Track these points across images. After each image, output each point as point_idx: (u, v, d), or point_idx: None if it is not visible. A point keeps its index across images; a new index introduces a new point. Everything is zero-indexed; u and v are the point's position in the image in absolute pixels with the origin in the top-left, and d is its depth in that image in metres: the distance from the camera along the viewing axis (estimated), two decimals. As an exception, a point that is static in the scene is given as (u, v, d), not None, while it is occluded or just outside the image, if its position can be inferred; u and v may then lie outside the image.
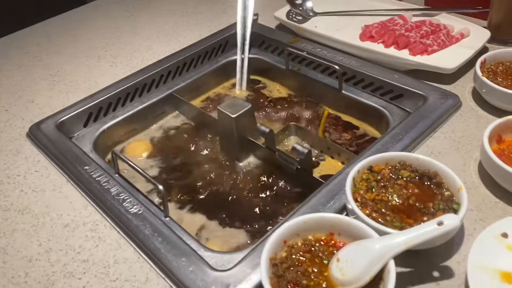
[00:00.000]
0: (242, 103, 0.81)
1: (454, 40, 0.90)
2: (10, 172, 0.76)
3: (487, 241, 0.54)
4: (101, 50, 1.09)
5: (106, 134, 0.87)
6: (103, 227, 0.65)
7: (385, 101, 0.85)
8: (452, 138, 0.73)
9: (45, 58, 1.08)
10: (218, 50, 1.06)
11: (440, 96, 0.80)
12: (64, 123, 0.85)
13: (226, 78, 1.05)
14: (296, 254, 0.54)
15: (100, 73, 1.00)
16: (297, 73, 0.97)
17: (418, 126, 0.75)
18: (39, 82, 0.99)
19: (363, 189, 0.60)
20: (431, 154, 0.71)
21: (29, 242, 0.64)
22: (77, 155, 0.76)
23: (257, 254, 0.57)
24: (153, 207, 0.67)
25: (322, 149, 0.84)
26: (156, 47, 1.07)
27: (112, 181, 0.70)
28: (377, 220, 0.56)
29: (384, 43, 0.92)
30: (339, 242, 0.55)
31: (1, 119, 0.89)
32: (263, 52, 1.05)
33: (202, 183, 0.80)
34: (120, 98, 0.91)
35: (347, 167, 0.68)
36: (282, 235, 0.54)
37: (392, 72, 0.87)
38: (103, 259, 0.60)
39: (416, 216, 0.57)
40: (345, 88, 0.89)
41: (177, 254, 0.58)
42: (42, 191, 0.72)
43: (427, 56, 0.87)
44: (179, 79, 0.99)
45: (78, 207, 0.68)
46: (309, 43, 1.00)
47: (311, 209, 0.62)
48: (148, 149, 0.88)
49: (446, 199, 0.58)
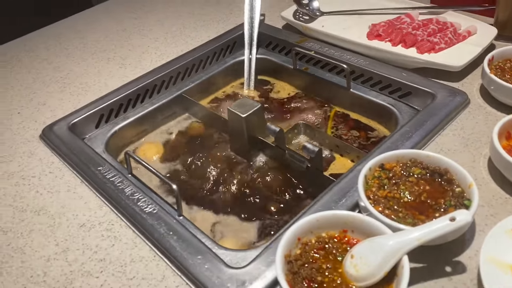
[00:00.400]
0: (252, 103, 0.82)
1: (461, 37, 0.91)
2: (25, 173, 0.78)
3: (498, 236, 0.55)
4: (110, 52, 1.10)
5: (117, 135, 0.88)
6: (118, 227, 0.66)
7: (394, 99, 0.86)
8: (461, 135, 0.74)
9: (55, 61, 1.09)
10: (226, 51, 1.07)
11: (449, 94, 0.81)
12: (76, 124, 0.86)
13: (234, 78, 1.06)
14: (310, 251, 0.55)
15: (109, 75, 1.01)
16: (305, 72, 0.98)
17: (427, 123, 0.75)
18: (50, 85, 1.00)
19: (375, 186, 0.61)
20: (441, 151, 0.72)
21: (46, 242, 0.65)
22: (90, 156, 0.77)
23: (271, 252, 0.58)
24: (167, 206, 0.68)
25: (331, 147, 0.84)
26: (164, 49, 1.08)
27: (126, 181, 0.71)
28: (390, 217, 0.57)
29: (391, 42, 0.92)
30: (352, 239, 0.56)
31: (14, 122, 0.90)
32: (271, 52, 1.06)
33: (213, 182, 0.81)
34: (130, 100, 0.92)
35: (358, 165, 0.69)
36: (296, 232, 0.55)
37: (400, 70, 0.88)
38: (119, 258, 0.61)
39: (428, 213, 0.58)
40: (353, 87, 0.90)
41: (192, 252, 0.59)
42: (57, 192, 0.73)
43: (435, 54, 0.88)
44: (188, 80, 1.00)
45: (93, 207, 0.70)
46: (316, 43, 1.00)
47: (323, 207, 0.63)
48: (159, 151, 0.89)
49: (457, 196, 0.59)
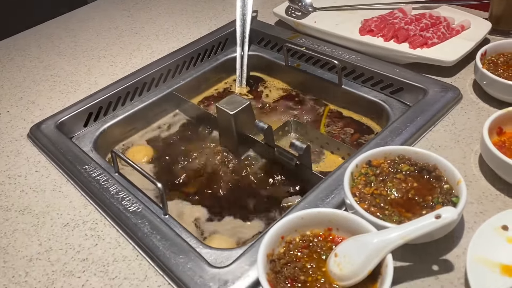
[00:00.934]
0: (240, 100, 0.81)
1: (455, 32, 0.89)
2: (11, 172, 0.77)
3: (487, 234, 0.54)
4: (101, 50, 1.09)
5: (106, 134, 0.87)
6: (102, 226, 0.65)
7: (385, 95, 0.84)
8: (452, 131, 0.73)
9: (46, 59, 1.08)
10: (217, 48, 1.05)
11: (441, 89, 0.79)
12: (64, 123, 0.85)
13: (226, 75, 1.05)
14: (294, 250, 0.54)
15: (100, 73, 1.00)
16: (297, 69, 0.96)
17: (418, 119, 0.74)
18: (40, 83, 1.00)
19: (361, 183, 0.60)
20: (431, 148, 0.70)
21: (29, 242, 0.64)
22: (76, 155, 0.76)
23: (255, 251, 0.57)
24: (153, 205, 0.67)
25: (321, 144, 0.83)
26: (155, 46, 1.07)
27: (112, 180, 0.70)
28: (376, 214, 0.56)
29: (383, 37, 0.91)
30: (337, 237, 0.55)
31: (2, 121, 0.90)
32: (263, 49, 1.04)
33: (202, 179, 0.80)
34: (120, 98, 0.92)
35: (346, 162, 0.68)
36: (280, 231, 0.54)
37: (392, 66, 0.86)
38: (102, 258, 0.60)
39: (415, 210, 0.57)
40: (345, 83, 0.89)
41: (175, 251, 0.58)
42: (42, 191, 0.72)
43: (427, 49, 0.87)
44: (179, 78, 0.99)
45: (77, 206, 0.69)
46: (308, 39, 0.99)
47: (310, 204, 0.62)
48: (148, 154, 0.87)
49: (445, 192, 0.57)
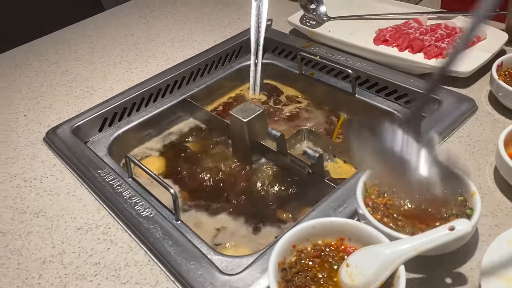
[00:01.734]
0: (254, 108, 0.81)
1: (471, 43, 0.88)
2: (27, 175, 0.78)
3: (501, 247, 0.53)
4: (117, 56, 1.10)
5: (121, 139, 0.88)
6: (115, 230, 0.66)
7: (399, 105, 0.84)
8: (467, 143, 0.72)
9: (63, 65, 1.10)
10: (232, 56, 1.06)
11: (455, 100, 0.79)
12: (80, 128, 0.86)
13: (240, 83, 1.06)
14: (305, 259, 0.54)
15: (115, 79, 1.01)
16: (310, 77, 0.97)
17: (433, 130, 0.73)
18: (57, 88, 1.01)
19: (374, 194, 0.60)
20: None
21: (43, 244, 0.65)
22: (91, 159, 0.77)
23: (266, 259, 0.57)
24: (165, 210, 0.68)
25: (334, 153, 0.83)
26: (171, 53, 1.08)
27: (125, 185, 0.71)
28: (388, 225, 0.55)
29: (398, 47, 0.91)
30: (349, 247, 0.55)
31: (19, 124, 0.91)
32: (277, 57, 1.05)
33: (214, 186, 0.81)
34: (135, 103, 0.93)
35: (359, 172, 0.68)
36: (291, 239, 0.54)
37: (406, 76, 0.86)
38: (114, 262, 0.61)
39: (428, 221, 0.56)
40: (358, 92, 0.89)
41: (187, 257, 0.58)
42: (57, 195, 0.73)
43: (442, 59, 0.86)
44: (193, 85, 1.00)
45: (91, 210, 0.70)
46: (322, 48, 0.99)
47: (322, 213, 0.62)
48: (161, 167, 0.87)
49: (459, 204, 0.57)
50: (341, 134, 0.88)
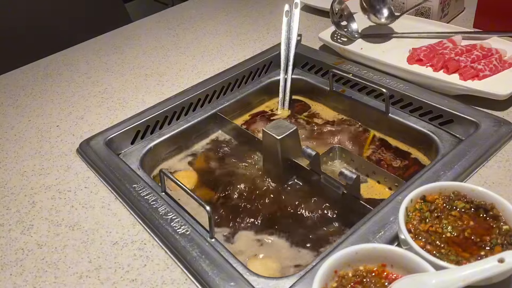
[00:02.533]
0: (287, 125, 0.81)
1: (507, 65, 0.87)
2: (61, 187, 0.79)
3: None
4: (148, 68, 1.11)
5: (152, 152, 0.88)
6: (151, 247, 0.66)
7: (434, 126, 0.83)
8: (507, 168, 0.71)
9: (94, 75, 1.11)
10: (261, 71, 1.06)
11: (493, 123, 0.78)
12: (113, 140, 0.87)
13: (269, 97, 1.06)
14: (347, 285, 0.53)
15: (147, 91, 1.02)
16: (342, 94, 0.96)
17: (470, 154, 0.72)
18: (88, 99, 1.02)
19: (416, 219, 0.59)
20: (485, 184, 0.68)
21: (79, 259, 0.65)
22: (125, 172, 0.78)
23: (305, 283, 0.56)
24: (199, 227, 0.67)
25: (367, 173, 0.82)
26: (201, 67, 1.09)
27: (160, 200, 0.71)
28: (432, 252, 0.54)
29: (433, 67, 0.90)
30: (391, 274, 0.54)
31: (52, 135, 0.92)
32: (306, 73, 1.05)
33: (245, 204, 0.80)
34: (167, 117, 0.93)
35: (397, 194, 0.67)
36: (333, 265, 0.53)
37: (441, 97, 0.85)
38: (151, 279, 0.61)
39: (472, 250, 0.55)
40: (392, 112, 0.88)
41: (224, 278, 0.58)
42: (91, 208, 0.74)
43: (479, 81, 0.85)
44: (223, 99, 1.00)
45: (126, 225, 0.70)
46: (354, 65, 0.99)
47: (361, 238, 0.61)
48: (194, 181, 0.87)
49: (505, 234, 0.56)
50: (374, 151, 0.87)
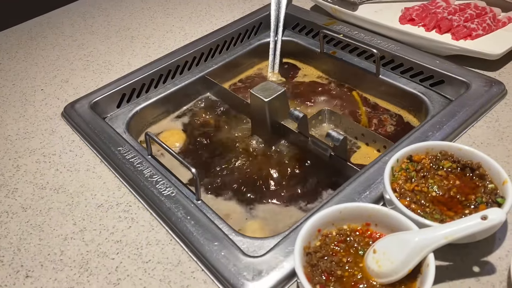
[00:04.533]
0: (275, 87, 0.79)
1: (501, 24, 0.85)
2: (45, 151, 0.78)
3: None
4: (134, 30, 1.08)
5: (139, 115, 0.87)
6: (136, 208, 0.65)
7: (425, 87, 0.82)
8: (496, 128, 0.70)
9: (79, 38, 1.08)
10: (251, 32, 1.04)
11: (484, 83, 0.76)
12: (98, 103, 0.85)
13: (259, 60, 1.03)
14: (330, 244, 0.53)
15: (133, 54, 1.00)
16: (332, 56, 0.94)
17: (460, 114, 0.71)
18: (74, 62, 1.00)
19: (402, 179, 0.58)
20: (473, 144, 0.68)
21: (64, 221, 0.65)
22: (110, 136, 0.76)
23: (289, 242, 0.56)
24: (185, 189, 0.67)
25: (356, 135, 0.82)
26: (188, 29, 1.06)
27: (146, 163, 0.70)
28: (416, 211, 0.54)
29: (425, 27, 0.88)
30: (375, 233, 0.54)
31: (36, 99, 0.90)
32: (297, 35, 1.02)
33: (232, 167, 0.79)
34: (153, 80, 0.91)
35: (384, 155, 0.66)
36: (317, 223, 0.53)
37: (433, 57, 0.83)
38: (136, 240, 0.61)
39: (457, 209, 0.55)
40: (382, 73, 0.86)
41: (209, 238, 0.58)
42: (76, 171, 0.73)
43: (471, 41, 0.83)
44: (212, 61, 0.98)
45: (111, 187, 0.69)
46: (345, 26, 0.96)
47: (346, 198, 0.61)
48: (181, 139, 0.86)
49: (490, 192, 0.55)
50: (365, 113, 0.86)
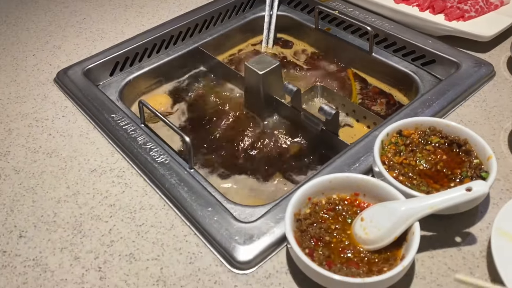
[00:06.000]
0: (270, 60, 0.80)
1: (493, 7, 0.87)
2: (38, 115, 0.77)
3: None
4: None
5: (131, 84, 0.87)
6: (129, 174, 0.66)
7: (416, 67, 0.83)
8: (483, 108, 0.72)
9: (71, 5, 1.07)
10: (246, 6, 1.03)
11: (474, 64, 0.78)
12: (91, 70, 0.85)
13: (253, 34, 1.03)
14: (320, 212, 0.55)
15: (126, 23, 0.99)
16: (326, 33, 0.95)
17: (449, 93, 0.73)
18: (66, 29, 0.99)
19: (391, 152, 0.60)
20: (461, 122, 0.70)
21: (57, 184, 0.65)
22: (104, 103, 0.76)
23: (280, 209, 0.58)
24: (179, 158, 0.68)
25: (347, 111, 0.83)
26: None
27: (139, 130, 0.71)
28: (404, 183, 0.56)
29: (419, 6, 0.89)
30: (363, 203, 0.56)
31: (28, 64, 0.90)
32: (292, 10, 1.02)
33: (225, 139, 0.80)
34: (146, 49, 0.91)
35: (374, 130, 0.68)
36: (307, 192, 0.55)
37: (425, 37, 0.85)
38: (129, 205, 0.62)
39: (443, 182, 0.57)
40: (375, 51, 0.87)
41: (202, 203, 0.59)
42: (69, 136, 0.73)
43: (463, 22, 0.84)
44: (206, 33, 0.98)
45: (105, 153, 0.70)
46: (340, 2, 0.97)
47: (336, 169, 0.62)
48: (167, 102, 0.87)
49: (475, 167, 0.57)
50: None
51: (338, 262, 0.50)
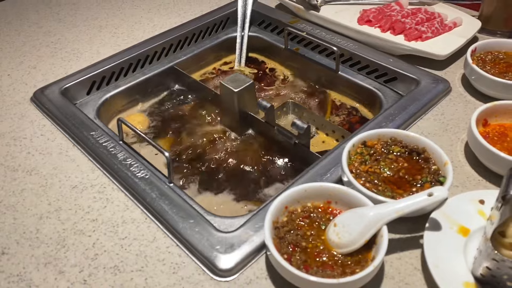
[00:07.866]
0: (244, 79, 0.84)
1: (447, 28, 0.94)
2: (16, 134, 0.78)
3: (462, 201, 0.60)
4: (102, 20, 1.10)
5: (108, 103, 0.89)
6: (110, 190, 0.68)
7: (379, 84, 0.89)
8: (441, 120, 0.78)
9: (45, 25, 1.08)
10: (218, 27, 1.08)
11: (432, 81, 0.85)
12: (68, 89, 0.87)
13: (226, 54, 1.08)
14: (296, 219, 0.59)
15: (101, 43, 1.01)
16: (296, 53, 1.00)
17: (410, 107, 0.79)
18: (41, 49, 1.00)
19: (357, 161, 0.65)
20: (422, 134, 0.75)
21: (38, 201, 0.67)
22: (82, 121, 0.78)
23: (258, 219, 0.61)
24: (158, 173, 0.70)
25: (317, 126, 0.88)
26: (157, 20, 1.09)
27: (119, 147, 0.73)
28: (371, 190, 0.61)
29: (381, 28, 0.96)
30: (335, 210, 0.60)
31: (3, 84, 0.90)
32: (263, 31, 1.07)
33: (200, 155, 0.83)
34: (122, 68, 0.93)
35: (343, 143, 0.73)
36: (284, 201, 0.59)
37: (387, 56, 0.91)
38: (111, 219, 0.64)
39: (405, 187, 0.62)
40: (341, 70, 0.93)
41: (183, 216, 0.62)
42: (49, 154, 0.74)
43: (422, 42, 0.92)
44: (180, 53, 1.01)
45: (85, 170, 0.71)
46: (308, 24, 1.03)
47: (309, 180, 0.66)
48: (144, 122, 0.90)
49: (433, 173, 0.63)
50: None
51: (314, 265, 0.54)
